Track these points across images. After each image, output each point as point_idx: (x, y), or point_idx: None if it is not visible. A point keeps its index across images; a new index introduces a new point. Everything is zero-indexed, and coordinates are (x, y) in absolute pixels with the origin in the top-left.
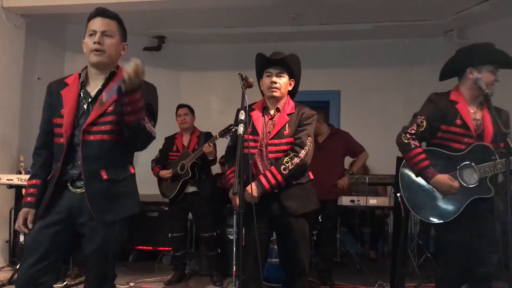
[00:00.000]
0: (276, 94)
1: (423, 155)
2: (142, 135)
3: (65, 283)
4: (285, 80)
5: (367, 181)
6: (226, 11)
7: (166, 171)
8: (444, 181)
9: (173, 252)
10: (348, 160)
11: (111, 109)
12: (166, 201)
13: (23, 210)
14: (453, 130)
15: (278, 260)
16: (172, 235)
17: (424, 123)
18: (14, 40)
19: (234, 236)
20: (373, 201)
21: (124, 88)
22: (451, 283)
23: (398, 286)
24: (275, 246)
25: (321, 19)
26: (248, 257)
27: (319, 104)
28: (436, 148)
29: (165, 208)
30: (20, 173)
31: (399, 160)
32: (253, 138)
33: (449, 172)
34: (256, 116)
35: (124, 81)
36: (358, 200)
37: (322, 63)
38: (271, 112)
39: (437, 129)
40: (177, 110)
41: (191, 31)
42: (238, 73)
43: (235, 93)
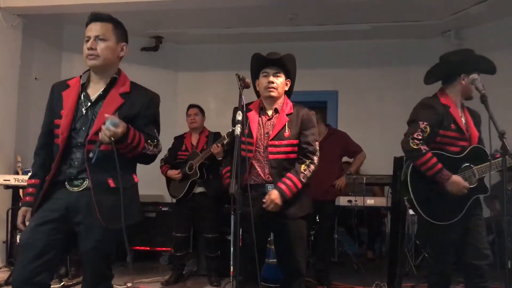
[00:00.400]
0: (273, 94)
1: (434, 159)
2: (145, 159)
3: (63, 283)
4: (282, 80)
5: (364, 181)
6: (223, 11)
7: (175, 171)
8: (459, 181)
9: (174, 252)
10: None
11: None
12: (165, 201)
13: (22, 209)
14: (449, 135)
15: (276, 260)
16: (176, 235)
17: (428, 128)
18: (11, 40)
19: (232, 236)
20: (370, 202)
21: (108, 143)
22: (443, 276)
23: (395, 286)
24: (273, 247)
25: (319, 19)
26: (245, 258)
27: (316, 104)
28: (437, 151)
29: (163, 209)
30: (17, 173)
31: (396, 160)
32: (249, 140)
33: (452, 173)
34: (252, 117)
35: (103, 140)
36: (356, 201)
37: (319, 63)
38: (269, 112)
39: (436, 134)
40: (187, 110)
41: (189, 31)
42: (235, 74)
43: (233, 93)
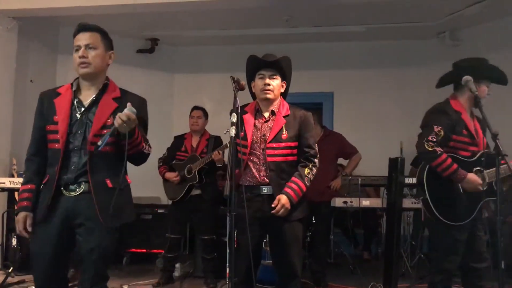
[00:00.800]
0: (269, 96)
1: (450, 159)
2: (141, 157)
3: None
4: (278, 82)
5: (359, 183)
6: (219, 13)
7: (173, 174)
8: (475, 179)
9: (165, 253)
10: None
11: (110, 121)
12: (161, 203)
13: (22, 214)
14: (461, 140)
15: (272, 261)
16: (170, 236)
17: (442, 132)
18: (6, 43)
19: (227, 238)
20: (366, 202)
21: (122, 131)
22: (447, 275)
23: (391, 287)
24: (269, 248)
25: (314, 21)
26: (241, 260)
27: (312, 106)
28: (451, 154)
29: (159, 211)
30: (12, 176)
31: (391, 161)
32: (244, 143)
33: None
34: (248, 120)
35: (119, 126)
36: (351, 202)
37: (315, 64)
38: (265, 115)
39: (449, 139)
40: (191, 111)
41: (184, 33)
42: (230, 76)
43: (229, 95)
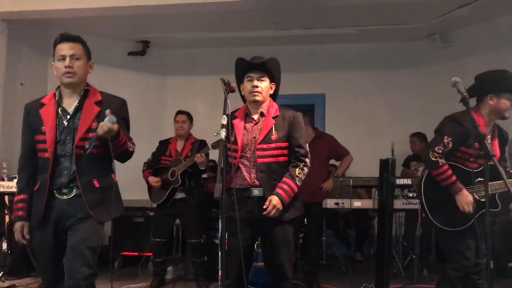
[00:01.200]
0: (258, 98)
1: (450, 171)
2: (126, 155)
3: None
4: (267, 84)
5: (351, 184)
6: (210, 16)
7: (155, 179)
8: (466, 197)
9: (153, 258)
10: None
11: (95, 125)
12: (153, 206)
13: (18, 224)
14: (471, 152)
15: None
16: (154, 240)
17: (451, 144)
18: None
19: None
20: (357, 204)
21: (106, 137)
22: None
23: None
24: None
25: (305, 23)
26: (232, 262)
27: (304, 108)
28: (455, 164)
29: (150, 214)
30: (2, 180)
31: (382, 163)
32: (234, 147)
33: (465, 186)
34: (237, 124)
35: (101, 134)
36: (343, 203)
37: (306, 66)
38: (255, 117)
39: (457, 150)
40: (176, 116)
41: (176, 36)
42: (220, 78)
43: (221, 97)
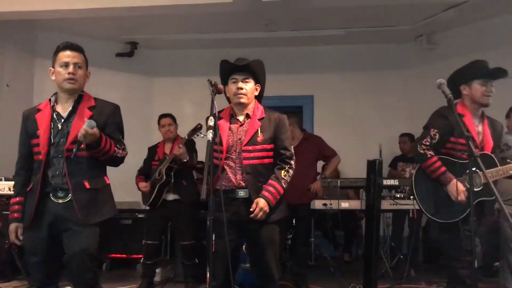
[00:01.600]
0: (243, 100)
1: (439, 163)
2: (115, 161)
3: None
4: (251, 85)
5: (339, 185)
6: (199, 17)
7: (143, 184)
8: (454, 188)
9: (143, 260)
10: (319, 165)
11: None
12: (141, 208)
13: (13, 225)
14: (460, 142)
15: None
16: (146, 242)
17: (437, 136)
18: None
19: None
20: (345, 205)
21: (87, 142)
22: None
23: None
24: None
25: (294, 25)
26: (218, 263)
27: (292, 109)
28: (445, 157)
29: (138, 216)
30: None
31: (369, 163)
32: (220, 149)
33: (458, 177)
34: (223, 125)
35: (81, 138)
36: (331, 204)
37: (295, 68)
38: (240, 118)
39: (447, 141)
40: (159, 120)
41: (164, 37)
42: (207, 80)
43: (209, 98)
